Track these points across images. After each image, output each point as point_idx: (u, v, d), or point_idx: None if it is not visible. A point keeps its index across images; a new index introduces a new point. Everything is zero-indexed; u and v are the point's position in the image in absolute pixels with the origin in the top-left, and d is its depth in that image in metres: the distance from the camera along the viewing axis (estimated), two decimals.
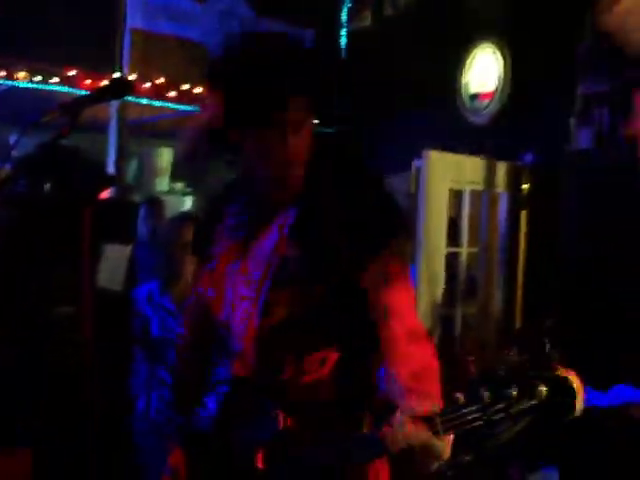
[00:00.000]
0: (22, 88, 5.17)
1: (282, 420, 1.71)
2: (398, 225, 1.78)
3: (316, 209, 1.74)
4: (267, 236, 1.78)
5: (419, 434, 1.43)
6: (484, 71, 5.61)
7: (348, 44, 6.68)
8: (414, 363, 1.63)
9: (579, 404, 1.27)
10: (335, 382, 1.76)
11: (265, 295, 1.75)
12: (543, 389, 1.27)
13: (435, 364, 1.66)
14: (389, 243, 1.72)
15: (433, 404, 1.47)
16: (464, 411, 1.36)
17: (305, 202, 1.76)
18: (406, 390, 1.58)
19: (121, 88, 1.86)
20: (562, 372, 1.28)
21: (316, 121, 1.81)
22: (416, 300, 1.81)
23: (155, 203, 5.51)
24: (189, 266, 3.34)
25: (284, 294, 1.74)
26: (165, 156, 7.33)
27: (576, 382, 1.27)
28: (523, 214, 5.28)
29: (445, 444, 1.46)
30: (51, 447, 3.00)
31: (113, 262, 3.62)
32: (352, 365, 1.77)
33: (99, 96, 1.82)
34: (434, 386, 1.60)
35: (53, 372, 3.11)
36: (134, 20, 5.99)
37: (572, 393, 1.26)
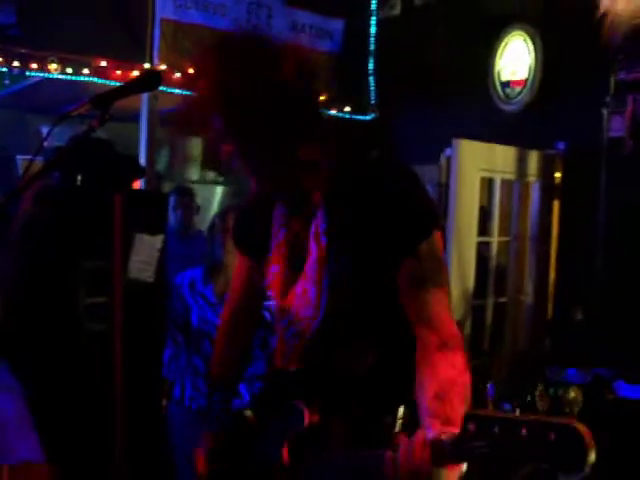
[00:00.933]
0: (54, 79, 5.20)
1: (308, 416, 1.69)
2: (432, 223, 1.70)
3: (346, 209, 1.70)
4: (310, 250, 1.76)
5: (423, 462, 1.40)
6: (516, 59, 5.55)
7: (378, 33, 6.63)
8: (441, 379, 1.58)
9: (589, 461, 1.20)
10: (369, 383, 1.74)
11: (322, 311, 1.74)
12: (552, 435, 1.20)
13: (463, 379, 1.61)
14: (422, 242, 1.66)
15: (450, 431, 1.42)
16: (474, 444, 1.31)
17: (332, 202, 1.73)
18: (428, 412, 1.55)
19: (151, 80, 1.86)
20: (577, 425, 1.22)
21: (349, 109, 1.77)
22: (450, 293, 1.73)
23: (185, 192, 5.52)
24: (233, 258, 3.35)
25: (334, 296, 1.73)
26: (196, 145, 7.35)
27: (588, 438, 1.21)
28: (555, 203, 5.24)
29: (454, 474, 1.44)
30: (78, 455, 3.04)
31: (144, 253, 3.63)
32: (390, 366, 1.75)
33: (130, 88, 1.82)
34: (457, 408, 1.53)
35: (82, 365, 3.14)
36: (164, 10, 6.00)
37: (583, 448, 1.18)
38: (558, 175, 5.21)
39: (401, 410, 1.65)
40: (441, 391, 1.56)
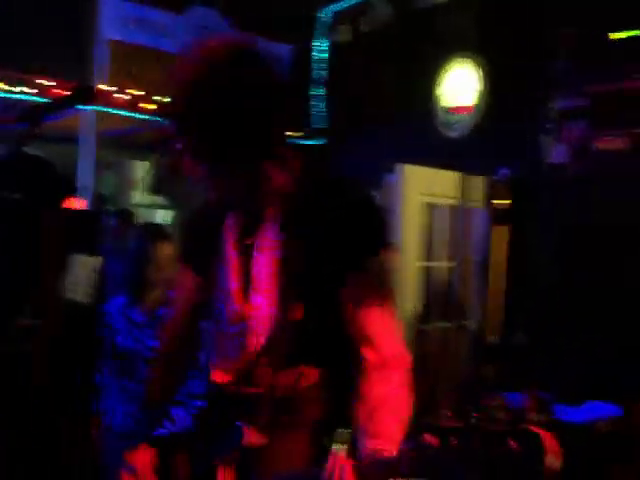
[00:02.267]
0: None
1: (247, 434, 1.67)
2: (379, 242, 1.70)
3: (299, 223, 1.70)
4: (265, 254, 1.74)
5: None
6: (460, 85, 5.62)
7: (327, 59, 6.67)
8: (373, 396, 1.59)
9: (551, 463, 1.20)
10: (311, 400, 1.71)
11: (270, 314, 1.71)
12: (510, 441, 1.21)
13: (398, 394, 1.61)
14: (367, 259, 1.66)
15: (382, 446, 1.44)
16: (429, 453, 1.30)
17: (288, 218, 1.71)
18: (361, 429, 1.55)
19: (80, 96, 1.82)
20: (535, 430, 1.22)
21: (294, 133, 1.76)
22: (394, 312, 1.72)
23: (125, 215, 5.46)
24: (162, 277, 3.30)
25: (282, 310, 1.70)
26: (140, 169, 7.29)
27: (548, 441, 1.20)
28: (499, 228, 5.27)
29: None
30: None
31: (80, 273, 3.56)
32: (331, 383, 1.72)
33: (58, 103, 1.78)
34: (388, 423, 1.54)
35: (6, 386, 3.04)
36: (112, 32, 5.97)
37: (540, 450, 1.20)
38: (502, 200, 5.25)
39: (341, 430, 1.61)
40: (372, 408, 1.56)
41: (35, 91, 4.71)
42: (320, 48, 6.67)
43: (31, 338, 2.98)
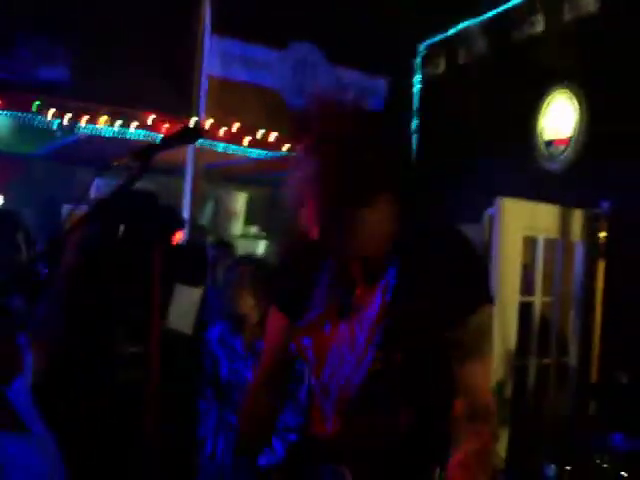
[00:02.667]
0: (102, 133, 5.34)
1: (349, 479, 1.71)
2: (484, 296, 1.72)
3: (414, 270, 1.72)
4: (371, 299, 1.76)
5: None
6: (560, 117, 5.54)
7: (422, 91, 6.69)
8: (466, 449, 1.66)
9: None
10: (408, 443, 1.74)
11: (367, 362, 1.74)
12: None
13: (487, 449, 1.69)
14: (476, 311, 1.69)
15: None
16: None
17: (403, 261, 1.74)
18: (452, 478, 1.66)
19: (191, 134, 1.89)
20: None
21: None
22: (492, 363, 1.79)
23: (224, 246, 5.57)
24: (251, 309, 3.35)
25: (383, 355, 1.73)
26: (239, 200, 7.44)
27: None
28: (600, 263, 5.15)
29: None
30: None
31: (184, 304, 3.65)
32: (428, 427, 1.75)
33: (170, 141, 1.85)
34: (479, 477, 1.65)
35: (115, 411, 3.13)
36: (211, 68, 6.15)
37: None
38: (603, 234, 5.13)
39: (437, 472, 1.69)
40: (465, 460, 1.64)
41: (146, 128, 4.92)
42: (417, 80, 6.69)
43: (138, 367, 3.07)
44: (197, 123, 5.25)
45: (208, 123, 5.73)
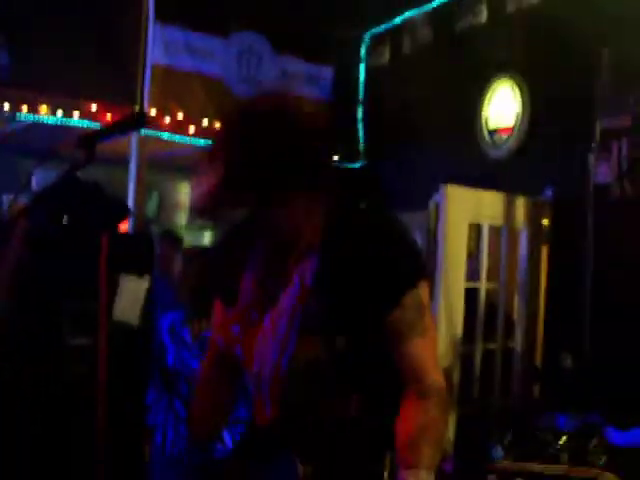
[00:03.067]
0: (44, 122, 5.23)
1: (301, 468, 1.70)
2: (417, 274, 1.72)
3: (337, 257, 1.71)
4: (290, 285, 1.75)
5: None
6: (503, 106, 5.61)
7: (367, 80, 6.71)
8: (412, 426, 1.63)
9: None
10: (356, 429, 1.74)
11: (291, 346, 1.73)
12: None
13: (436, 425, 1.66)
14: (405, 294, 1.68)
15: (419, 476, 1.54)
16: None
17: (326, 249, 1.73)
18: (399, 458, 1.62)
19: (135, 121, 1.87)
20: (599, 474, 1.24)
21: (337, 157, 1.78)
22: (436, 340, 1.77)
23: (169, 236, 5.51)
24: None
25: (308, 342, 1.72)
26: (184, 190, 7.37)
27: None
28: (544, 249, 5.24)
29: None
30: None
31: (130, 295, 3.60)
32: (375, 411, 1.75)
33: (114, 128, 1.83)
34: (425, 453, 1.60)
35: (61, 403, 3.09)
36: (155, 56, 6.07)
37: None
38: (546, 221, 5.22)
39: (388, 456, 1.68)
40: (410, 438, 1.61)
41: (89, 117, 4.83)
42: (361, 70, 6.71)
43: (86, 359, 3.03)
44: (141, 110, 5.19)
45: (153, 112, 5.66)
